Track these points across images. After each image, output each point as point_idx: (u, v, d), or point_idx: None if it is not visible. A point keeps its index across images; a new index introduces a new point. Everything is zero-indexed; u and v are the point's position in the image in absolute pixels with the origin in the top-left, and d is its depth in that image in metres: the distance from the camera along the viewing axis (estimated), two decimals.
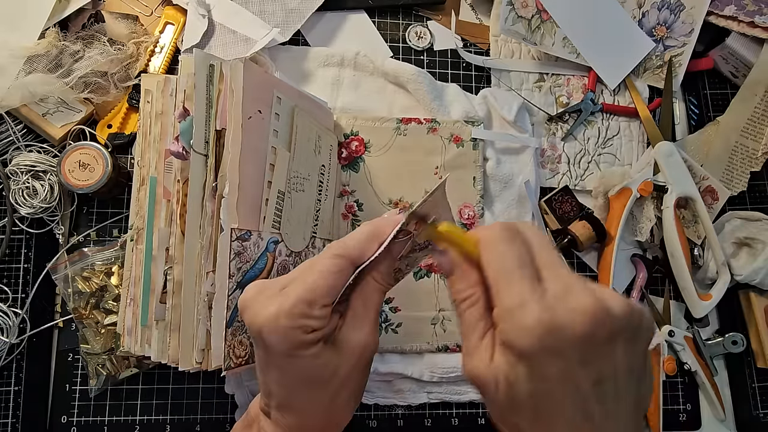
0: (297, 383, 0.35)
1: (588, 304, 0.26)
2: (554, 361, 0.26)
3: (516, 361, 0.27)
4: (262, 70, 0.53)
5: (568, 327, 0.26)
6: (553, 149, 0.66)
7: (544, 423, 0.27)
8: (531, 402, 0.27)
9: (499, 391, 0.28)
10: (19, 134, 0.56)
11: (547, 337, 0.26)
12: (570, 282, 0.28)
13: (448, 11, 0.68)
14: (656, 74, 0.68)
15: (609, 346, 0.27)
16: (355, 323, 0.36)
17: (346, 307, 0.37)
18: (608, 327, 0.26)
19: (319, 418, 0.36)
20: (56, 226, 0.56)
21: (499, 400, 0.28)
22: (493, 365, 0.28)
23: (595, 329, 0.26)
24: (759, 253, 0.62)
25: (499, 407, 0.29)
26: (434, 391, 0.57)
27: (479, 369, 0.29)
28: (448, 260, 0.32)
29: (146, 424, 0.55)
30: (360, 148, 0.59)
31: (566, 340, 0.26)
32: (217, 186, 0.42)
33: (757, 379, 0.62)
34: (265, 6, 0.62)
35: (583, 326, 0.26)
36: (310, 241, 0.51)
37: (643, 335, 0.29)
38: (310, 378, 0.34)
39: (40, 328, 0.54)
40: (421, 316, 0.58)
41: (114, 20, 0.60)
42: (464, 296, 0.31)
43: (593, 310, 0.26)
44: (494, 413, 0.30)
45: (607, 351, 0.27)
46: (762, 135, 0.65)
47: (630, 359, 0.28)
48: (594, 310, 0.26)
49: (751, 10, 0.65)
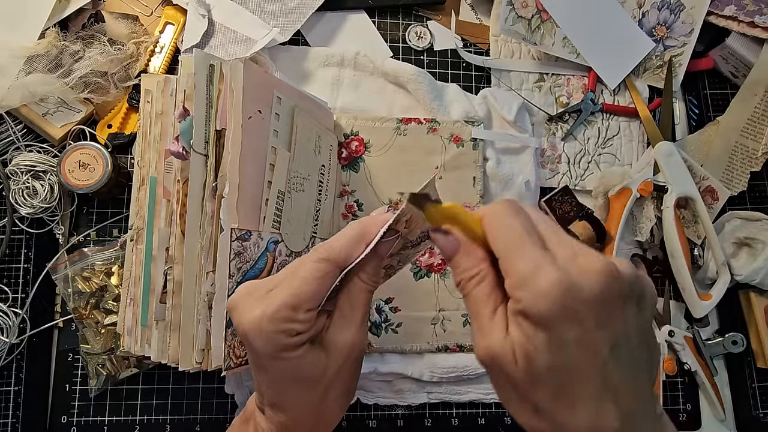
0: (285, 383, 0.35)
1: (599, 264, 0.26)
2: (572, 326, 0.26)
3: (534, 331, 0.26)
4: (262, 70, 0.53)
5: (585, 287, 0.26)
6: (553, 149, 0.66)
7: (566, 396, 0.27)
8: (551, 375, 0.27)
9: (518, 367, 0.27)
10: (19, 134, 0.56)
11: (565, 298, 0.25)
12: (576, 246, 0.28)
13: (448, 11, 0.68)
14: (656, 74, 0.68)
15: (621, 308, 0.27)
16: (342, 324, 0.36)
17: (334, 307, 0.37)
18: (620, 287, 0.27)
19: (309, 417, 0.36)
20: (56, 226, 0.56)
21: (517, 378, 0.27)
22: (509, 340, 0.27)
23: (609, 288, 0.26)
24: (759, 253, 0.62)
25: (517, 386, 0.28)
26: (434, 391, 0.57)
27: (495, 346, 0.28)
28: (452, 239, 0.31)
29: (146, 424, 0.55)
30: (360, 148, 0.59)
31: (583, 301, 0.26)
32: (217, 186, 0.42)
33: (757, 379, 0.62)
34: (265, 6, 0.62)
35: (598, 285, 0.26)
36: (310, 241, 0.51)
37: (649, 300, 0.29)
38: (297, 378, 0.35)
39: (40, 328, 0.54)
40: (421, 316, 0.58)
41: (114, 20, 0.60)
42: (471, 274, 0.30)
43: (605, 270, 0.26)
44: (510, 397, 0.29)
45: (620, 313, 0.27)
46: (762, 135, 0.65)
47: (639, 323, 0.28)
48: (606, 270, 0.26)
49: (751, 10, 0.65)
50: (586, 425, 0.27)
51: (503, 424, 0.59)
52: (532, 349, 0.26)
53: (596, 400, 0.26)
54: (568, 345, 0.26)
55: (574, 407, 0.27)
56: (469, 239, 0.31)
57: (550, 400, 0.27)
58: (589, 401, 0.26)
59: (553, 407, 0.27)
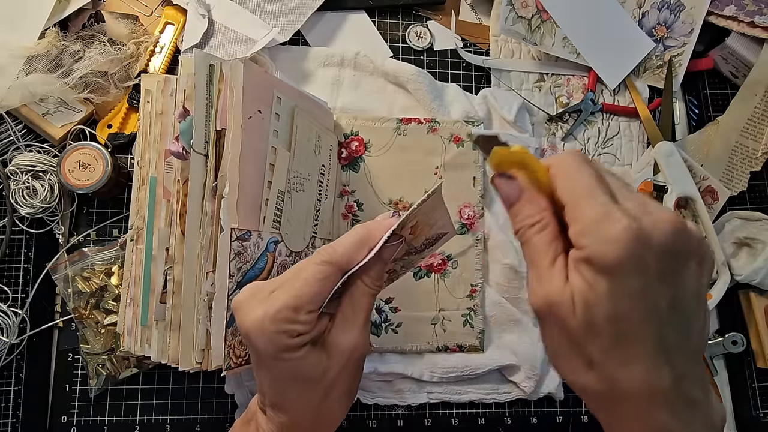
0: (286, 384, 0.35)
1: (670, 216, 0.26)
2: (636, 275, 0.26)
3: (597, 279, 0.26)
4: (262, 70, 0.53)
5: (655, 236, 0.26)
6: (553, 149, 0.66)
7: (621, 350, 0.27)
8: (609, 325, 0.26)
9: (576, 314, 0.27)
10: (19, 134, 0.56)
11: (635, 246, 0.25)
12: (645, 199, 0.28)
13: (448, 11, 0.68)
14: (656, 74, 0.68)
15: (685, 264, 0.27)
16: (344, 326, 0.36)
17: (336, 310, 0.37)
18: (687, 243, 0.27)
19: (310, 417, 0.36)
20: (56, 226, 0.56)
21: (574, 328, 0.27)
22: (569, 287, 0.27)
23: (679, 240, 0.26)
24: (759, 253, 0.62)
25: (571, 338, 0.28)
26: (434, 391, 0.57)
27: (554, 294, 0.27)
28: (516, 185, 0.30)
29: (146, 424, 0.55)
30: (360, 148, 0.59)
31: (652, 251, 0.25)
32: (217, 186, 0.42)
33: (757, 379, 0.62)
34: (265, 6, 0.62)
35: (669, 235, 0.26)
36: (310, 241, 0.51)
37: (709, 263, 0.29)
38: (298, 379, 0.35)
39: (40, 328, 0.54)
40: (421, 316, 0.58)
41: (114, 20, 0.60)
42: (533, 221, 0.30)
43: (676, 223, 0.26)
44: (561, 346, 0.29)
45: (683, 269, 0.27)
46: (762, 135, 0.65)
47: (699, 285, 0.28)
48: (678, 222, 0.26)
49: (751, 10, 0.65)
50: (638, 382, 0.26)
51: (503, 424, 0.59)
52: (592, 297, 0.26)
53: (650, 358, 0.26)
54: (630, 295, 0.26)
55: (628, 362, 0.27)
56: (533, 187, 0.30)
57: (604, 352, 0.27)
58: (643, 357, 0.26)
59: (606, 360, 0.27)
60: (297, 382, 0.35)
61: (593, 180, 0.28)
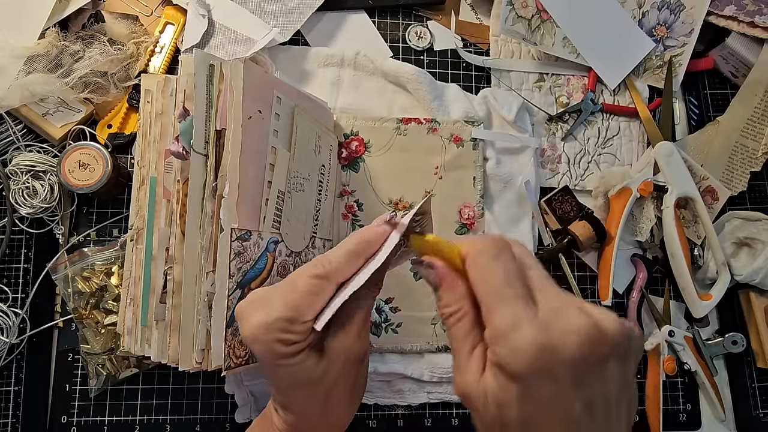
0: (288, 386, 0.36)
1: (582, 325, 0.26)
2: (547, 383, 0.26)
3: (508, 384, 0.26)
4: (262, 70, 0.53)
5: (563, 348, 0.25)
6: (553, 149, 0.66)
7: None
8: (521, 425, 0.26)
9: (489, 411, 0.27)
10: (19, 134, 0.56)
11: (542, 358, 0.25)
12: (562, 301, 0.27)
13: (448, 11, 0.68)
14: (656, 74, 0.68)
15: (602, 367, 0.27)
16: (340, 330, 0.37)
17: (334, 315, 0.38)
18: (601, 347, 0.26)
19: (315, 417, 0.37)
20: (56, 226, 0.56)
21: (487, 420, 0.27)
22: (483, 383, 0.27)
23: (589, 350, 0.26)
24: (759, 253, 0.62)
25: (487, 427, 0.28)
26: (434, 391, 0.57)
27: (470, 386, 0.28)
28: (436, 273, 0.31)
29: (146, 424, 0.55)
30: (360, 148, 0.59)
31: (560, 362, 0.25)
32: (217, 186, 0.42)
33: (757, 379, 0.62)
34: (265, 6, 0.62)
35: (577, 347, 0.25)
36: (310, 241, 0.51)
37: (633, 354, 0.28)
38: (298, 382, 0.36)
39: (40, 328, 0.54)
40: (421, 316, 0.58)
41: (114, 20, 0.60)
42: (451, 311, 0.30)
43: (587, 331, 0.26)
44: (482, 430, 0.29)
45: (600, 372, 0.27)
46: (762, 135, 0.65)
47: (621, 378, 0.27)
48: (588, 331, 0.26)
49: (751, 10, 0.65)
50: None
51: None
52: (504, 399, 0.26)
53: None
54: (540, 401, 0.26)
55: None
56: (452, 274, 0.30)
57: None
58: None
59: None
60: (297, 385, 0.36)
61: (505, 280, 0.28)
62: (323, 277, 0.35)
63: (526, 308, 0.27)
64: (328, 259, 0.36)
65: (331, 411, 0.37)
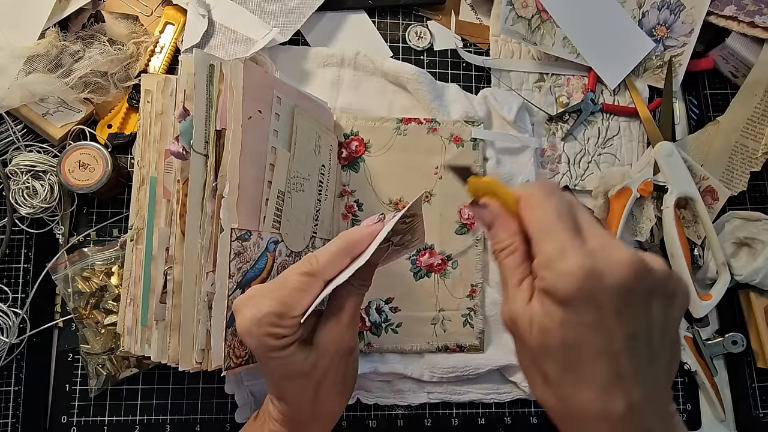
0: (280, 378, 0.39)
1: (628, 256, 0.27)
2: (590, 310, 0.27)
3: (552, 308, 0.27)
4: (262, 70, 0.53)
5: (608, 275, 0.26)
6: (553, 149, 0.66)
7: (573, 373, 0.28)
8: (561, 350, 0.28)
9: (533, 336, 0.28)
10: (19, 134, 0.56)
11: (587, 284, 0.26)
12: (609, 238, 0.29)
13: (448, 11, 0.68)
14: (656, 74, 0.68)
15: (645, 302, 0.28)
16: (329, 324, 0.39)
17: (325, 309, 0.40)
18: (646, 281, 0.27)
19: (306, 407, 0.39)
20: (56, 226, 0.56)
21: (531, 344, 0.29)
22: (529, 308, 0.29)
23: (634, 280, 0.27)
24: (759, 253, 0.62)
25: (531, 352, 0.29)
26: (434, 391, 0.57)
27: (517, 310, 0.29)
28: (489, 212, 0.33)
29: (146, 424, 0.55)
30: (360, 148, 0.59)
31: (605, 289, 0.26)
32: (217, 186, 0.42)
33: (757, 379, 0.62)
34: (265, 6, 0.62)
35: (623, 275, 0.26)
36: (310, 241, 0.51)
37: (679, 301, 0.29)
38: (289, 374, 0.38)
39: (40, 328, 0.54)
40: (421, 316, 0.58)
41: (114, 20, 0.60)
42: (504, 245, 0.32)
43: (633, 262, 0.27)
44: (524, 359, 0.31)
45: (643, 306, 0.28)
46: (762, 135, 0.65)
47: (664, 321, 0.28)
48: (634, 262, 0.27)
49: (751, 10, 0.65)
50: (589, 404, 0.28)
51: (503, 424, 0.59)
52: (548, 323, 0.28)
53: (604, 384, 0.27)
54: (582, 327, 0.27)
55: (580, 385, 0.28)
56: (505, 212, 0.32)
57: (558, 373, 0.28)
58: (596, 383, 0.27)
59: (560, 380, 0.28)
60: (288, 377, 0.38)
61: (555, 214, 0.29)
62: (311, 275, 0.37)
63: (574, 239, 0.28)
64: (316, 258, 0.38)
65: (321, 402, 0.39)
